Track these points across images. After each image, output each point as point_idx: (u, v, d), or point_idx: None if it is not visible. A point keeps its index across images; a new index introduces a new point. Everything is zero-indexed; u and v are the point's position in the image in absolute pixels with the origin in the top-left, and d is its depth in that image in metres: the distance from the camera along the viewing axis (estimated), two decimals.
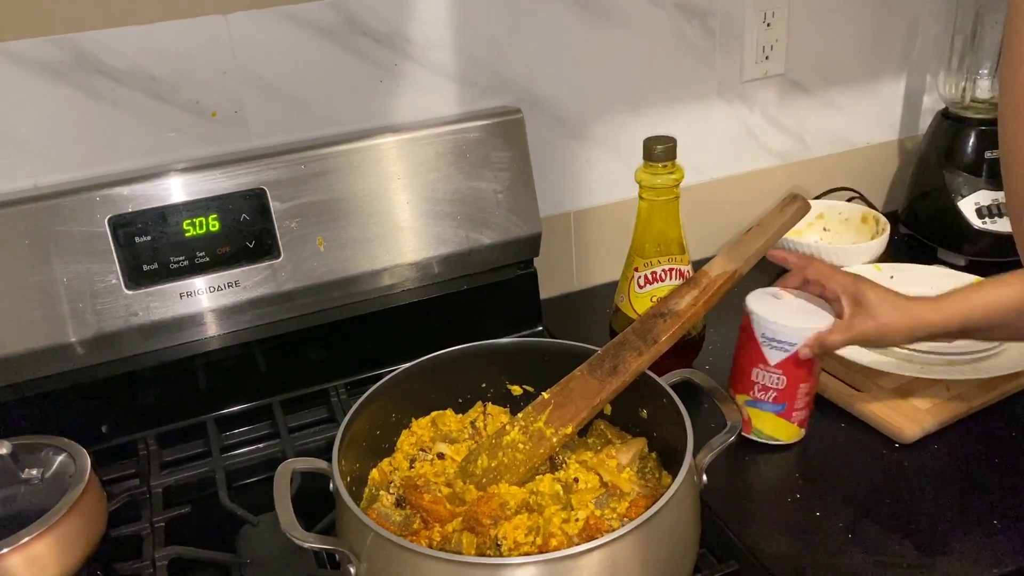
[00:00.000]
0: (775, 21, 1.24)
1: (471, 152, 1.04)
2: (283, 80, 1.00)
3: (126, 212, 0.91)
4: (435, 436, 0.84)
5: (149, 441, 0.98)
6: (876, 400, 0.95)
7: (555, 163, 1.19)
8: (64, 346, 0.91)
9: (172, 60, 0.95)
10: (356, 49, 1.02)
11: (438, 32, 1.06)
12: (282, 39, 0.99)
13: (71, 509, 0.74)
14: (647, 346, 0.77)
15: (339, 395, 1.03)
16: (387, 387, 0.81)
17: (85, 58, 0.92)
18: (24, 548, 0.70)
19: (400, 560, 0.63)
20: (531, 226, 1.09)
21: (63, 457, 0.80)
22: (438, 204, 1.04)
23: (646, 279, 1.00)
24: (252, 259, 0.97)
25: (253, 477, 0.95)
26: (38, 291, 0.89)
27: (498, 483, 0.75)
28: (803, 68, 1.30)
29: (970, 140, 1.28)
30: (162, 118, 0.97)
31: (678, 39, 1.19)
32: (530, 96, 1.13)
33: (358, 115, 1.05)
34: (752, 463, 0.91)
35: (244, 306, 0.98)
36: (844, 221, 1.32)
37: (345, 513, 0.67)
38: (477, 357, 0.86)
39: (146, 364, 0.96)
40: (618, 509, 0.73)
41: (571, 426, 0.77)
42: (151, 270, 0.93)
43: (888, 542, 0.80)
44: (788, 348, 0.86)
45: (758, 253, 0.81)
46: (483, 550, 0.68)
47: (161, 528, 0.85)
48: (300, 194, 0.97)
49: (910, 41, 1.36)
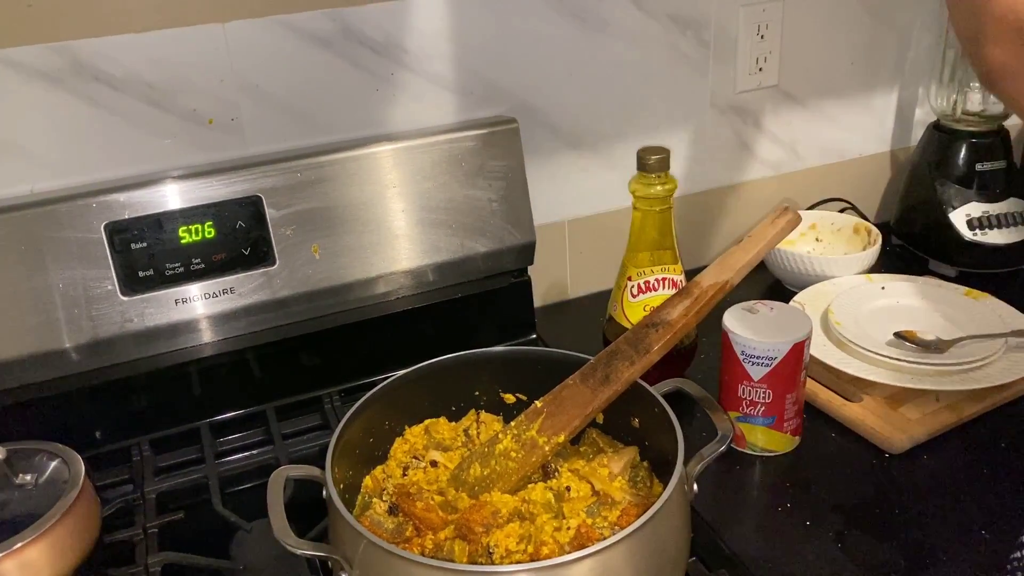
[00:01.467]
0: (768, 33, 1.25)
1: (466, 161, 1.05)
2: (280, 88, 1.01)
3: (122, 218, 0.91)
4: (428, 444, 0.84)
5: (143, 447, 0.98)
6: (866, 410, 0.96)
7: (550, 172, 1.20)
8: (59, 352, 0.92)
9: (169, 68, 0.96)
10: (353, 58, 1.03)
11: (434, 42, 1.06)
12: (279, 48, 0.99)
13: (65, 515, 0.74)
14: (639, 355, 0.78)
15: (333, 402, 1.04)
16: (381, 394, 0.81)
17: (82, 65, 0.92)
18: (17, 554, 0.71)
19: (392, 568, 0.63)
20: (525, 235, 1.10)
21: (57, 463, 0.80)
22: (433, 212, 1.04)
23: (639, 288, 1.01)
24: (247, 266, 0.97)
25: (246, 483, 0.95)
26: (33, 297, 0.90)
27: (490, 491, 0.75)
28: (796, 80, 1.31)
29: (961, 152, 1.29)
30: (159, 125, 0.97)
31: (672, 50, 1.20)
32: (525, 106, 1.14)
33: (354, 123, 1.06)
34: (742, 472, 0.92)
35: (239, 313, 0.98)
36: (836, 232, 1.33)
37: (338, 520, 0.67)
38: (471, 365, 0.87)
39: (140, 370, 0.96)
40: (609, 518, 0.74)
41: (563, 435, 0.77)
42: (146, 276, 0.93)
43: (877, 551, 0.80)
44: (769, 363, 0.87)
45: (749, 264, 0.81)
46: (475, 558, 0.69)
47: (154, 534, 0.85)
48: (296, 202, 0.98)
49: (902, 54, 1.38)
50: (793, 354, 0.88)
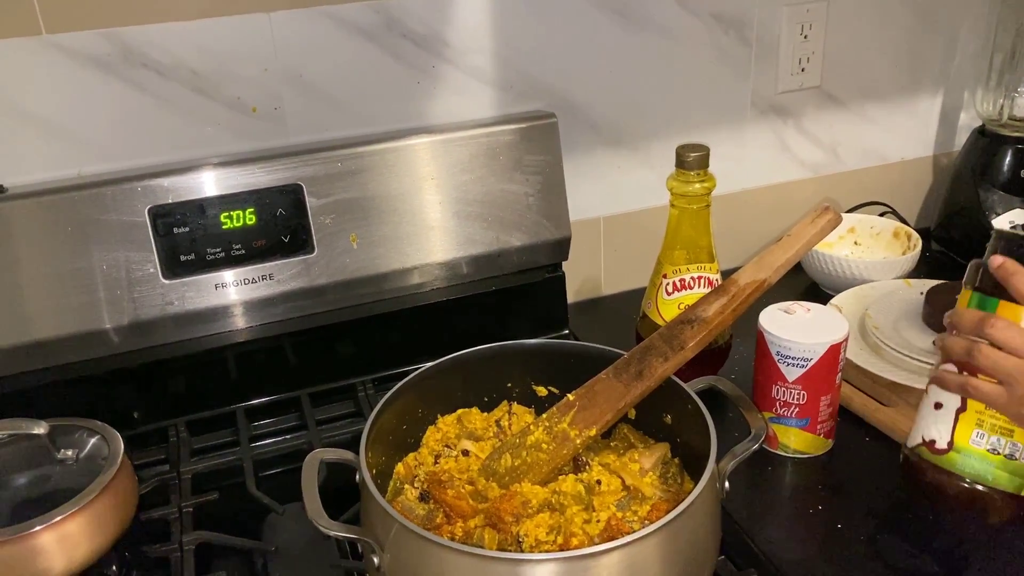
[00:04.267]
0: (812, 33, 1.24)
1: (504, 155, 1.05)
2: (322, 78, 1.02)
3: (166, 203, 0.93)
4: (460, 433, 0.85)
5: (180, 428, 1.00)
6: (902, 415, 0.95)
7: (587, 168, 1.19)
8: (100, 332, 0.93)
9: (215, 56, 0.97)
10: (395, 50, 1.04)
11: (476, 36, 1.07)
12: (323, 38, 1.00)
13: (103, 490, 0.75)
14: (673, 352, 0.78)
15: (366, 390, 1.05)
16: (415, 383, 0.82)
17: (131, 52, 0.94)
18: (57, 527, 0.72)
19: (423, 552, 0.63)
20: (561, 230, 1.10)
21: (97, 440, 0.82)
22: (469, 205, 1.05)
23: (674, 286, 1.01)
24: (286, 253, 0.98)
25: (280, 467, 0.97)
26: (77, 278, 0.91)
27: (521, 482, 0.76)
28: (839, 81, 1.29)
29: (1007, 158, 1.27)
30: (203, 112, 0.99)
31: (714, 49, 1.20)
32: (564, 101, 1.14)
33: (394, 115, 1.07)
34: (774, 473, 0.91)
35: (277, 299, 1.00)
36: (875, 235, 1.31)
37: (371, 504, 0.68)
38: (503, 357, 0.87)
39: (179, 352, 0.98)
40: (639, 512, 0.74)
41: (595, 428, 0.77)
42: (188, 261, 0.95)
43: (909, 556, 0.80)
44: (804, 364, 0.87)
45: (788, 263, 0.81)
46: (504, 546, 0.69)
47: (189, 513, 0.87)
48: (335, 191, 0.99)
49: (948, 57, 1.36)
50: (829, 356, 0.87)
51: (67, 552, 0.73)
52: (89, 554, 0.75)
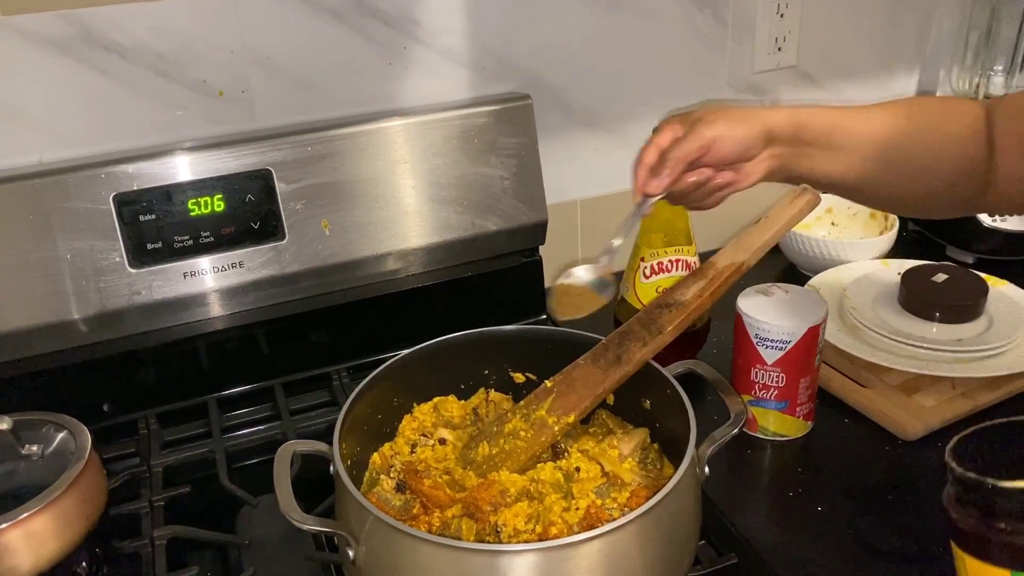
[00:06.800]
0: (788, 12, 1.23)
1: (478, 137, 1.04)
2: (291, 60, 1.00)
3: (131, 190, 0.91)
4: (437, 422, 0.84)
5: (150, 420, 0.97)
6: (880, 396, 0.95)
7: (562, 150, 1.18)
8: (66, 323, 0.91)
9: (179, 38, 0.94)
10: (365, 31, 1.01)
11: (447, 16, 1.05)
12: (290, 19, 0.98)
13: (71, 486, 0.73)
14: (651, 336, 0.77)
15: (341, 379, 1.03)
16: (389, 371, 0.81)
17: (92, 34, 0.91)
18: (23, 524, 0.70)
19: (399, 544, 0.62)
20: (537, 213, 1.09)
21: (64, 434, 0.80)
22: (444, 189, 1.03)
23: (652, 269, 1.00)
24: (256, 240, 0.96)
25: (253, 459, 0.95)
26: (41, 267, 0.89)
27: (499, 470, 0.75)
28: (815, 60, 1.29)
29: None
30: (168, 96, 0.96)
31: (690, 28, 1.18)
32: (539, 82, 1.12)
33: (365, 98, 1.04)
34: (754, 456, 0.91)
35: (247, 287, 0.98)
36: (852, 216, 1.31)
37: (345, 496, 0.67)
38: (480, 344, 0.86)
39: (148, 343, 0.96)
40: (619, 499, 0.73)
41: (573, 415, 0.77)
42: (155, 249, 0.93)
43: (889, 537, 0.79)
44: (783, 346, 0.86)
45: (766, 245, 0.80)
46: (482, 536, 0.68)
47: (160, 507, 0.85)
48: (306, 176, 0.97)
49: (923, 36, 1.35)
50: (808, 338, 0.86)
51: (34, 550, 0.71)
52: (57, 551, 0.73)
